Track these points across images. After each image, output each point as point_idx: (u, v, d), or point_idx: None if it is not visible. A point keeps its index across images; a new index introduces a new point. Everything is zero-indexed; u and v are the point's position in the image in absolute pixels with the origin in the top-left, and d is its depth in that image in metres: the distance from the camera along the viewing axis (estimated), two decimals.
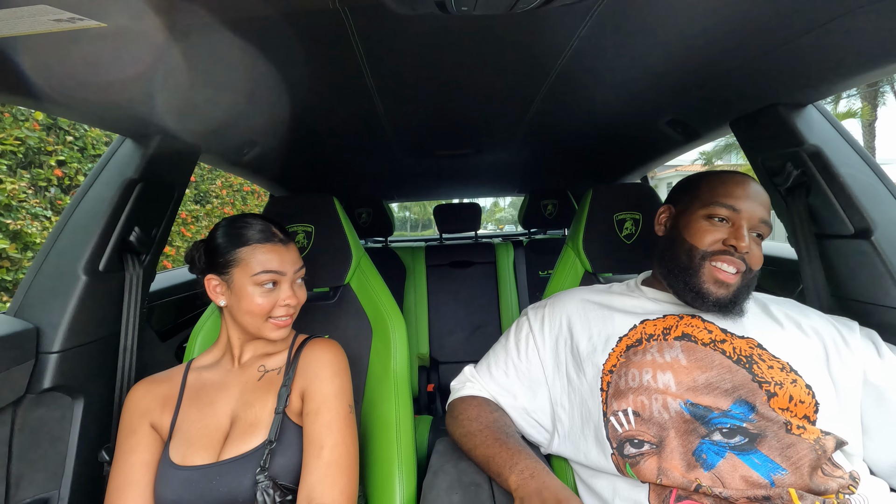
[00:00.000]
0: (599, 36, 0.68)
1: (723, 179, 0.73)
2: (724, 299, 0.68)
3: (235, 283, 0.73)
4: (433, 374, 2.01)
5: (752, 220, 0.70)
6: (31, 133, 2.82)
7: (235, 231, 0.74)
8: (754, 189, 0.71)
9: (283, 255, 0.75)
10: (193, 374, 0.78)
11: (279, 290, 0.74)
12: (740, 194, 0.71)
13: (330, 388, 0.74)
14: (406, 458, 0.87)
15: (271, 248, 0.74)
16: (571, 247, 1.09)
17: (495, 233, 3.50)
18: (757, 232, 0.70)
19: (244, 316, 0.74)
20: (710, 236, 0.70)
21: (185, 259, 0.80)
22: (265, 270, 0.72)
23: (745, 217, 0.69)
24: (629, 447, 0.62)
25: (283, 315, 0.75)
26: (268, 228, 0.76)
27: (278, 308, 0.74)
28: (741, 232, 0.68)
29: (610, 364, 0.70)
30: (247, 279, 0.72)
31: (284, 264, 0.74)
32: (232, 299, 0.74)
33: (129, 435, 0.70)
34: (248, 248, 0.73)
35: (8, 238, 2.70)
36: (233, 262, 0.73)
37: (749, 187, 0.71)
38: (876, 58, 0.67)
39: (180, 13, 0.53)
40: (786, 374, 0.61)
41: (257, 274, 0.72)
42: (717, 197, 0.72)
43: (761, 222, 0.70)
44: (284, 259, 0.75)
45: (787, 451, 0.56)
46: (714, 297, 0.68)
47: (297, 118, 1.01)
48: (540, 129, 1.25)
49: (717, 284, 0.68)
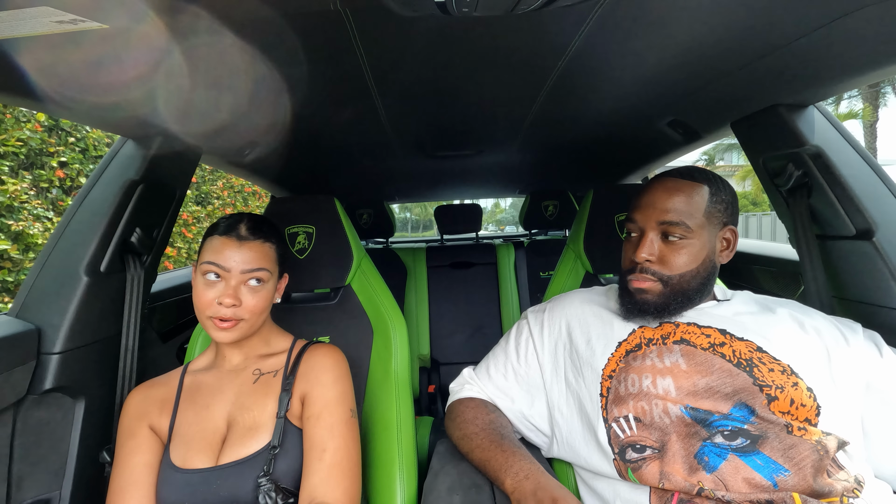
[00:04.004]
0: (600, 37, 0.68)
1: (637, 193, 0.74)
2: (650, 304, 0.69)
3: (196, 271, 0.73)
4: (434, 375, 2.00)
5: (653, 227, 0.69)
6: (32, 134, 2.83)
7: (215, 223, 0.76)
8: (657, 192, 0.70)
9: (233, 252, 0.71)
10: (189, 377, 0.78)
11: (219, 286, 0.71)
12: (642, 204, 0.71)
13: (332, 393, 0.73)
14: (407, 459, 0.87)
15: (224, 241, 0.72)
16: (572, 248, 1.09)
17: (496, 234, 3.50)
18: (663, 233, 0.69)
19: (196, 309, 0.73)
20: (626, 255, 0.73)
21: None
22: (207, 261, 0.71)
23: (646, 227, 0.70)
24: (631, 452, 0.62)
25: (222, 316, 0.70)
26: (235, 224, 0.74)
27: (216, 306, 0.70)
28: (641, 242, 0.69)
29: (609, 369, 0.69)
30: (198, 268, 0.72)
31: (228, 260, 0.70)
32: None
33: (128, 438, 0.70)
34: (209, 239, 0.73)
35: (10, 239, 2.70)
36: (200, 252, 0.74)
37: (651, 194, 0.71)
38: (877, 59, 0.67)
39: (181, 15, 0.53)
40: (787, 378, 0.60)
41: (202, 263, 0.72)
42: (629, 212, 0.74)
43: (662, 224, 0.68)
44: (232, 256, 0.71)
45: (789, 452, 0.56)
46: (640, 303, 0.69)
47: (299, 119, 1.01)
48: (541, 130, 1.25)
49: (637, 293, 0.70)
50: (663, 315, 0.70)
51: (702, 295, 0.71)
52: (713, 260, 0.70)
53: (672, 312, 0.70)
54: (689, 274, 0.68)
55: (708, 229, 0.69)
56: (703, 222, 0.68)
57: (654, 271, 0.69)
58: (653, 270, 0.69)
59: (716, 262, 0.71)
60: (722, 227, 0.71)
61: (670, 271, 0.68)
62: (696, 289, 0.69)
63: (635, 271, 0.70)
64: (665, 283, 0.68)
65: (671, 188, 0.70)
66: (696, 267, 0.68)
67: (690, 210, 0.68)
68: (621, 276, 0.74)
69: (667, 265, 0.68)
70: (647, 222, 0.70)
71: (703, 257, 0.69)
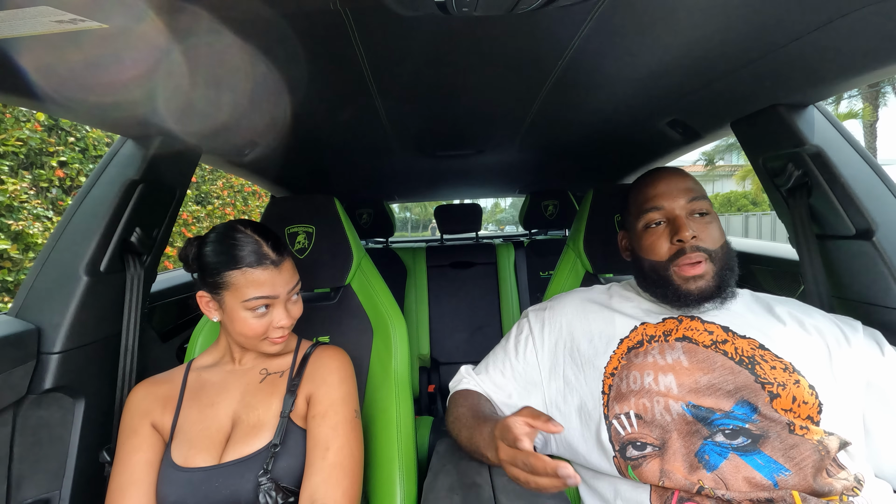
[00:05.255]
0: (600, 37, 0.68)
1: (640, 187, 0.77)
2: (707, 290, 0.68)
3: (227, 305, 0.70)
4: (434, 374, 2.01)
5: (683, 207, 0.71)
6: (32, 134, 2.83)
7: (226, 250, 0.70)
8: (670, 178, 0.74)
9: (276, 279, 0.71)
10: (194, 375, 0.78)
11: (272, 313, 0.72)
12: (660, 191, 0.73)
13: (337, 393, 0.74)
14: (407, 459, 0.87)
15: (263, 273, 0.69)
16: (572, 247, 1.09)
17: (496, 233, 3.50)
18: (695, 212, 0.71)
19: (238, 336, 0.73)
20: (659, 245, 0.72)
21: (179, 257, 0.77)
22: (257, 297, 0.69)
23: (675, 209, 0.71)
24: (632, 450, 0.62)
25: (279, 336, 0.74)
26: (259, 249, 0.70)
27: (273, 330, 0.72)
28: (679, 224, 0.70)
29: (611, 367, 0.69)
30: (238, 304, 0.69)
31: (276, 287, 0.71)
32: (225, 318, 0.72)
33: (130, 435, 0.70)
34: (238, 272, 0.69)
35: (10, 239, 2.70)
36: (223, 284, 0.69)
37: (664, 180, 0.74)
38: (877, 58, 0.67)
39: (181, 14, 0.53)
40: (788, 375, 0.61)
41: (248, 300, 0.69)
42: (643, 205, 0.74)
43: (691, 202, 0.71)
44: (276, 283, 0.71)
45: (790, 452, 0.56)
46: (696, 292, 0.68)
47: (298, 119, 1.01)
48: (541, 130, 1.25)
49: (691, 281, 0.68)
50: (717, 297, 0.69)
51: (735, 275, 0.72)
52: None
53: (724, 295, 0.69)
54: (726, 245, 0.71)
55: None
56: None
57: (703, 248, 0.69)
58: (702, 248, 0.69)
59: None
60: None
61: (714, 245, 0.69)
62: (735, 262, 0.71)
63: (683, 254, 0.69)
64: (713, 260, 0.69)
65: (678, 174, 0.74)
66: (725, 241, 0.71)
67: (701, 189, 0.73)
68: (660, 269, 0.71)
69: (708, 240, 0.69)
70: (676, 204, 0.71)
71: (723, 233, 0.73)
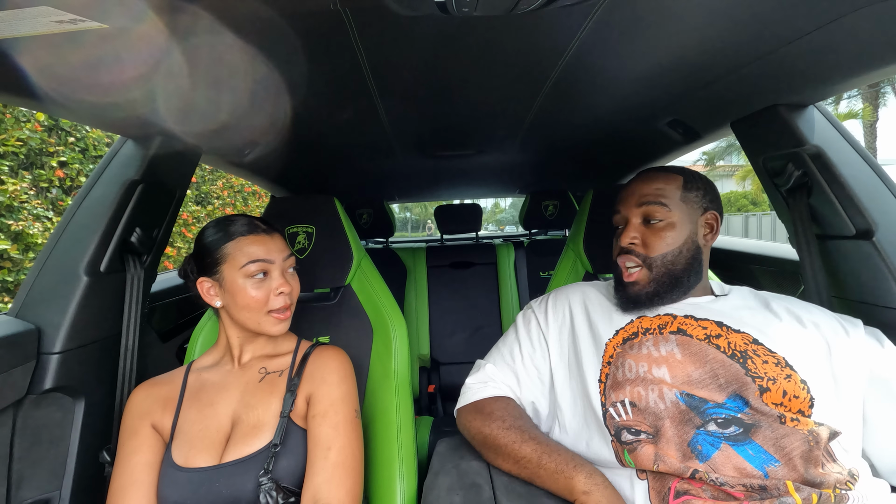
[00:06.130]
0: (600, 37, 0.68)
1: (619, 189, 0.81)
2: (642, 294, 0.72)
3: (226, 279, 0.73)
4: (434, 375, 2.00)
5: (632, 210, 0.76)
6: (32, 134, 2.83)
7: (219, 229, 0.75)
8: (638, 181, 0.78)
9: (269, 244, 0.75)
10: (194, 376, 0.78)
11: (270, 280, 0.75)
12: (624, 195, 0.79)
13: (338, 393, 0.74)
14: (407, 459, 0.87)
15: (255, 239, 0.74)
16: (572, 247, 1.09)
17: (496, 233, 3.50)
18: (648, 217, 0.74)
19: (241, 312, 0.74)
20: (615, 248, 0.79)
21: (179, 275, 0.80)
22: (252, 260, 0.72)
23: (629, 214, 0.76)
24: (626, 434, 0.63)
25: (281, 306, 0.75)
26: (250, 221, 0.76)
27: (273, 298, 0.74)
28: (625, 228, 0.76)
29: (608, 356, 0.71)
30: (237, 273, 0.72)
31: (271, 252, 0.75)
32: (227, 298, 0.74)
33: (130, 436, 0.70)
34: (233, 243, 0.73)
35: (10, 239, 2.70)
36: (220, 258, 0.73)
37: (634, 183, 0.78)
38: (877, 58, 0.67)
39: (181, 15, 0.53)
40: (780, 370, 0.61)
41: (245, 265, 0.72)
42: (614, 207, 0.81)
43: (641, 206, 0.75)
44: (270, 247, 0.75)
45: (780, 442, 0.56)
46: (632, 294, 0.73)
47: (298, 119, 1.01)
48: (540, 130, 1.25)
49: (628, 285, 0.74)
50: (656, 303, 0.72)
51: (691, 278, 0.74)
52: (696, 242, 0.74)
53: (665, 299, 0.73)
54: (670, 254, 0.73)
55: (686, 211, 0.74)
56: (680, 204, 0.74)
57: (637, 253, 0.74)
58: (636, 253, 0.74)
59: (699, 244, 0.75)
60: (703, 212, 0.76)
61: (652, 253, 0.73)
62: (682, 270, 0.73)
63: (622, 253, 0.75)
64: (649, 267, 0.73)
65: (648, 177, 0.78)
66: (677, 247, 0.73)
67: (666, 192, 0.75)
68: (615, 269, 0.78)
69: (649, 247, 0.73)
70: (629, 208, 0.77)
71: (685, 238, 0.73)
